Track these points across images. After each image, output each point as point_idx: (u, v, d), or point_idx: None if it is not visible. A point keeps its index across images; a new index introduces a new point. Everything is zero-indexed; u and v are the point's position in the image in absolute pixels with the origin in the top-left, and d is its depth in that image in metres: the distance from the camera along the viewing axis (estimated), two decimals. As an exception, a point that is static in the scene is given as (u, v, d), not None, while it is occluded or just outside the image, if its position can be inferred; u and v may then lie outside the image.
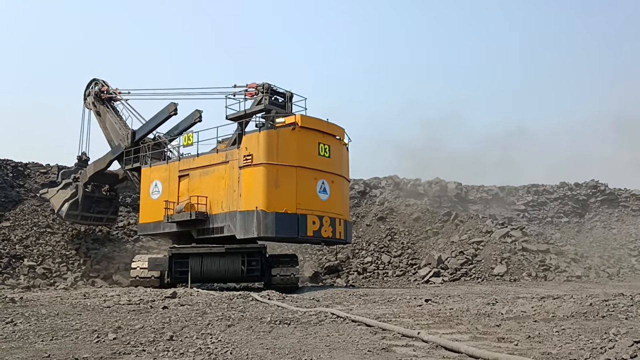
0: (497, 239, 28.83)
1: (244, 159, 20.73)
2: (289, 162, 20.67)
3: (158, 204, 23.25)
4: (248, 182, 20.59)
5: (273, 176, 20.36)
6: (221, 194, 21.39)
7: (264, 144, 20.48)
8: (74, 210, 28.19)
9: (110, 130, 28.34)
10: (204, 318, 10.20)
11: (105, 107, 28.97)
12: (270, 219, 20.07)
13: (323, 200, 21.51)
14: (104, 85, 29.41)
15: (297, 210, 20.52)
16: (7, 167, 33.22)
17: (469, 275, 26.43)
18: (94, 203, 29.05)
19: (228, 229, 21.16)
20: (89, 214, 28.78)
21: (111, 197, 30.07)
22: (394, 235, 32.18)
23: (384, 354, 6.63)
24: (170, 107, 25.94)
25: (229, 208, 21.10)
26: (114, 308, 12.16)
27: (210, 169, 22.02)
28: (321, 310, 10.82)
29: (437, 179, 44.86)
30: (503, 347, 6.81)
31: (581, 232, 39.55)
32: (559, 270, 26.54)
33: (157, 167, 24.34)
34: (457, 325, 8.90)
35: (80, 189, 28.49)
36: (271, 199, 20.21)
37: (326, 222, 21.30)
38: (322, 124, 21.96)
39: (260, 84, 22.70)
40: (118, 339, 7.93)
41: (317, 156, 21.46)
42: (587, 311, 9.29)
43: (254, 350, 6.95)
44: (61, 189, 29.07)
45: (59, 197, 28.82)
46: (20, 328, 8.96)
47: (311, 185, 21.15)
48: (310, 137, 21.34)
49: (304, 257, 31.25)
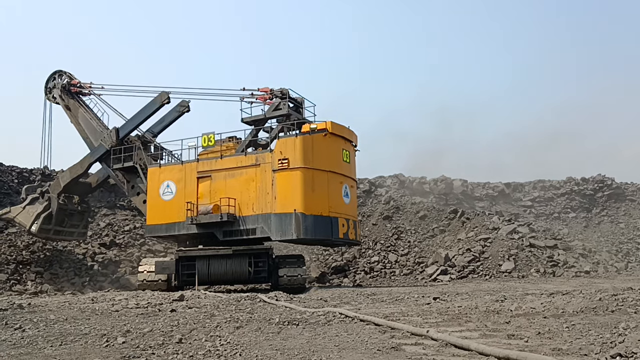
0: (504, 235, 28.70)
1: (279, 162, 21.09)
2: (322, 167, 21.40)
3: (171, 205, 23.05)
4: (284, 185, 21.02)
5: (309, 180, 20.99)
6: (251, 196, 21.65)
7: (301, 148, 21.03)
8: (47, 225, 26.16)
9: (85, 126, 26.82)
10: (212, 320, 10.19)
11: (75, 102, 27.45)
12: (310, 222, 20.68)
13: (346, 204, 22.47)
14: (72, 77, 27.89)
15: (330, 213, 21.31)
16: (13, 173, 33.37)
17: (476, 273, 26.34)
18: (67, 216, 27.08)
19: (261, 231, 21.38)
20: (61, 228, 26.81)
21: (83, 209, 28.20)
22: (401, 234, 32.10)
23: (394, 353, 6.60)
24: (162, 96, 25.23)
25: (261, 210, 21.39)
26: (122, 312, 12.18)
27: (237, 171, 22.14)
28: (329, 310, 10.79)
29: (443, 177, 44.80)
30: (513, 343, 6.76)
31: (589, 227, 39.41)
32: (567, 265, 26.41)
33: (169, 167, 24.02)
34: (466, 322, 8.85)
35: (55, 201, 26.48)
36: (309, 202, 20.81)
37: (351, 225, 22.46)
38: (345, 130, 22.81)
39: (277, 89, 23.16)
40: (127, 342, 7.92)
41: (341, 161, 22.37)
42: (597, 306, 9.23)
43: (263, 351, 6.93)
44: (28, 204, 26.78)
45: (27, 214, 26.45)
46: (29, 334, 8.97)
47: (338, 189, 22.05)
48: (337, 144, 22.30)
49: (310, 257, 31.24)
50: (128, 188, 25.86)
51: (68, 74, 27.98)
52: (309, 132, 21.40)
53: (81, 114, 27.09)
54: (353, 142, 23.52)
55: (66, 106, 27.48)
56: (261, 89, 23.48)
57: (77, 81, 27.73)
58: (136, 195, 25.65)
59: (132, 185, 25.72)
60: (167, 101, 25.32)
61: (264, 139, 23.95)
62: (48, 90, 28.14)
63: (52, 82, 28.08)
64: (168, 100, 25.32)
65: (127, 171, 25.67)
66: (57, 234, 26.80)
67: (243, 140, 23.53)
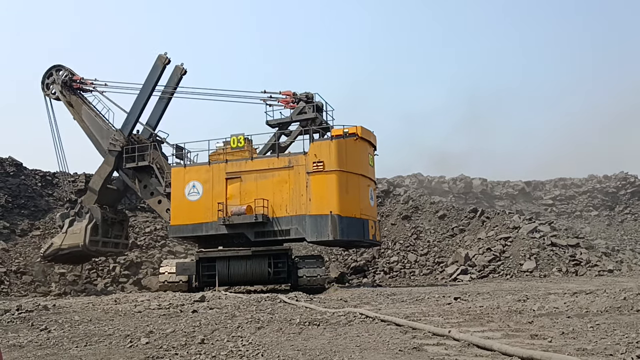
0: (525, 234, 28.41)
1: (314, 165, 21.42)
2: (354, 170, 21.86)
3: (197, 205, 23.09)
4: (319, 187, 21.37)
5: (344, 182, 21.37)
6: (285, 197, 21.91)
7: (336, 152, 21.40)
8: (95, 236, 25.13)
9: (90, 124, 26.10)
10: (234, 321, 10.25)
11: (77, 98, 26.69)
12: (345, 223, 21.07)
13: (372, 206, 23.00)
14: (72, 73, 27.08)
15: (361, 215, 21.78)
16: (36, 176, 33.87)
17: (497, 272, 26.10)
18: (109, 226, 26.17)
19: (296, 232, 21.64)
20: (107, 239, 25.92)
21: (121, 218, 27.44)
22: (420, 234, 31.98)
23: (416, 354, 6.58)
24: (161, 58, 25.03)
25: (295, 212, 21.67)
26: (144, 313, 12.30)
27: (269, 173, 22.32)
28: (350, 311, 10.79)
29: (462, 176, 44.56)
30: (537, 344, 6.69)
31: (612, 225, 38.87)
32: (590, 264, 26.03)
33: (195, 168, 23.92)
34: (488, 322, 8.79)
35: (96, 210, 25.51)
36: (344, 204, 21.19)
37: (377, 226, 23.16)
38: (372, 135, 23.31)
39: (302, 93, 23.41)
40: (150, 343, 8.01)
41: (368, 165, 22.86)
42: (621, 305, 9.11)
43: (285, 351, 6.96)
44: (69, 227, 25.53)
45: (74, 234, 25.19)
46: (55, 335, 9.12)
47: (366, 192, 22.50)
48: (365, 148, 22.78)
49: (329, 258, 31.26)
50: (140, 188, 25.47)
51: (68, 69, 27.14)
52: (342, 136, 21.76)
53: (85, 111, 26.41)
54: (375, 146, 23.92)
55: (68, 102, 26.69)
56: (283, 92, 23.66)
57: (79, 77, 26.99)
58: (150, 196, 25.31)
59: (145, 185, 25.38)
60: (167, 62, 25.29)
61: (283, 142, 24.12)
62: (46, 86, 27.17)
63: (50, 77, 27.24)
64: (168, 60, 25.28)
65: (139, 171, 25.33)
66: (105, 245, 25.88)
67: (266, 142, 23.78)
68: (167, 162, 25.47)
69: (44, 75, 27.38)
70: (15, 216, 30.32)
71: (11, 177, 32.42)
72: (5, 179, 32.03)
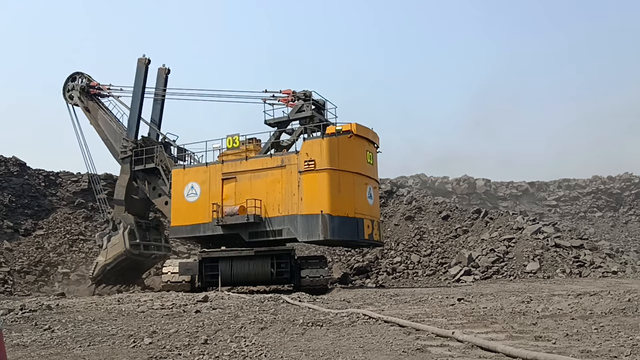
0: (529, 235, 28.35)
1: (305, 164, 21.24)
2: (347, 168, 21.50)
3: (195, 206, 23.19)
4: (310, 186, 21.15)
5: (336, 181, 21.10)
6: (277, 197, 21.79)
7: (327, 150, 21.15)
8: (134, 240, 25.35)
9: (105, 128, 26.76)
10: (237, 321, 10.24)
11: (94, 103, 27.47)
12: (336, 223, 20.79)
13: (370, 205, 22.51)
14: (90, 79, 27.91)
15: (355, 214, 21.39)
16: (40, 176, 33.96)
17: (500, 273, 26.05)
18: (145, 231, 26.34)
19: (288, 232, 21.53)
20: (147, 242, 26.15)
21: (156, 223, 27.69)
22: (423, 235, 31.93)
23: (419, 355, 6.56)
24: (141, 61, 25.73)
25: (287, 211, 21.51)
26: (147, 313, 12.31)
27: (262, 172, 22.27)
28: (353, 312, 10.76)
29: (465, 176, 44.51)
30: (541, 345, 6.66)
31: (616, 227, 38.76)
32: (594, 266, 25.95)
33: (194, 169, 24.10)
34: (492, 324, 8.75)
35: (128, 217, 25.83)
36: (335, 203, 20.91)
37: (375, 226, 22.54)
38: (370, 132, 22.92)
39: (300, 92, 23.32)
40: (154, 343, 8.01)
41: (365, 163, 22.45)
42: (626, 307, 9.08)
43: (288, 352, 6.94)
44: (107, 243, 25.73)
45: (114, 245, 25.38)
46: (58, 334, 9.12)
47: (363, 190, 22.11)
48: (362, 145, 22.40)
49: (332, 258, 31.24)
50: (149, 190, 25.84)
51: (87, 76, 28.05)
52: (334, 134, 21.49)
53: (100, 116, 27.09)
54: (375, 143, 23.59)
55: (85, 108, 27.50)
56: (283, 90, 23.60)
57: (96, 83, 27.80)
58: (157, 197, 25.66)
59: (154, 187, 25.74)
60: (148, 62, 26.19)
61: (285, 141, 24.05)
62: (69, 96, 28.08)
63: (70, 83, 28.14)
64: (148, 60, 26.18)
65: (148, 173, 25.71)
66: (146, 248, 26.01)
67: (266, 142, 23.67)
68: (175, 164, 25.61)
69: (65, 81, 28.21)
70: (18, 216, 30.41)
71: (15, 176, 32.52)
72: (9, 178, 32.13)
